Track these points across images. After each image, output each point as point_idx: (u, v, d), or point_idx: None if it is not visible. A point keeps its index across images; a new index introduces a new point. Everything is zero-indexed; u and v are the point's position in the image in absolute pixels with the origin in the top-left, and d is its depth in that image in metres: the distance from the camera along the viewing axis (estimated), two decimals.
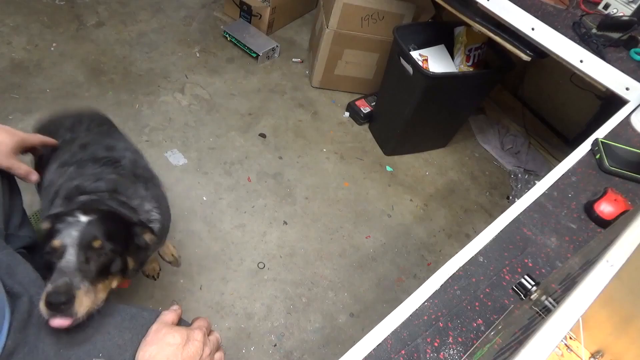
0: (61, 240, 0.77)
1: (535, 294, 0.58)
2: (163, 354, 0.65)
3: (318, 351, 1.44)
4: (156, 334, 0.68)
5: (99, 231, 0.80)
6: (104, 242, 0.80)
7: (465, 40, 1.86)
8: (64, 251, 0.76)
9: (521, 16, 1.32)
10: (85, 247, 0.78)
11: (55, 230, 0.79)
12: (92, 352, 0.67)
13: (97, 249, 0.79)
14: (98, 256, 0.79)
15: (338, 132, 2.15)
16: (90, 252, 0.78)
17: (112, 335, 0.69)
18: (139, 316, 0.73)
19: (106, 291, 0.80)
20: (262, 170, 1.89)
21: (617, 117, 1.14)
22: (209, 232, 1.64)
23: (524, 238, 0.83)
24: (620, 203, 0.86)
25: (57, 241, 0.77)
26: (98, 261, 0.79)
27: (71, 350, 0.66)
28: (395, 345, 0.65)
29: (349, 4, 1.99)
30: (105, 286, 0.80)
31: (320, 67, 2.23)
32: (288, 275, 1.60)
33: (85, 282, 0.75)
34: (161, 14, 2.44)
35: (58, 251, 0.76)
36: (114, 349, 0.68)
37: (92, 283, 0.76)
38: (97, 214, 0.83)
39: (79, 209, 0.83)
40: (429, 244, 1.83)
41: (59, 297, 0.69)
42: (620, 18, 1.30)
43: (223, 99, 2.13)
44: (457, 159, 2.21)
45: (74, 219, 0.80)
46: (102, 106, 1.92)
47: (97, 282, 0.77)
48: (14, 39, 2.07)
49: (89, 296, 0.74)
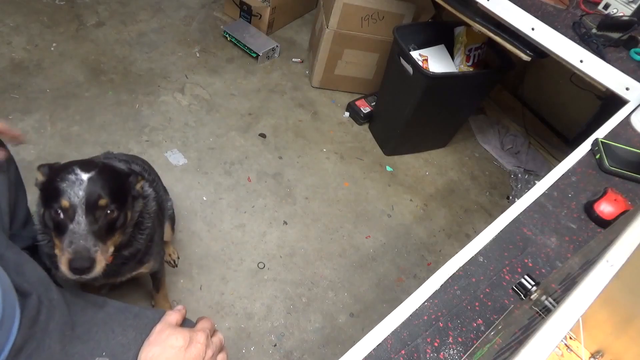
0: (69, 200, 0.80)
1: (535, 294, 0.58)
2: (165, 356, 0.65)
3: (318, 351, 1.44)
4: (159, 335, 0.68)
5: (102, 189, 0.83)
6: (109, 200, 0.83)
7: (465, 40, 1.86)
8: (74, 212, 0.80)
9: (521, 16, 1.32)
10: (93, 207, 0.81)
11: (61, 189, 0.81)
12: (96, 351, 0.67)
13: (103, 208, 0.83)
14: (105, 215, 0.83)
15: (338, 132, 2.15)
16: (98, 211, 0.82)
17: (116, 334, 0.70)
18: (143, 315, 0.73)
19: (114, 246, 0.86)
20: (262, 170, 1.89)
21: (617, 117, 1.14)
22: (209, 232, 1.64)
23: (524, 238, 0.83)
24: (620, 203, 0.86)
25: (66, 202, 0.80)
26: (105, 220, 0.83)
27: (76, 347, 0.66)
28: (395, 345, 0.65)
29: (349, 4, 1.99)
30: (113, 242, 0.86)
31: (320, 67, 2.23)
32: (288, 275, 1.60)
33: (99, 243, 0.81)
34: (161, 14, 2.45)
35: (68, 212, 0.80)
36: (117, 348, 0.68)
37: (103, 242, 0.82)
38: (95, 170, 0.85)
39: (76, 165, 0.85)
40: (429, 244, 1.83)
41: (83, 263, 0.77)
42: (620, 18, 1.30)
43: (223, 99, 2.13)
44: (457, 159, 2.21)
45: (75, 177, 0.82)
46: (102, 106, 1.92)
47: (106, 239, 0.83)
48: (14, 39, 2.07)
49: (104, 255, 0.81)
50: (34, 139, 1.73)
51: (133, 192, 0.95)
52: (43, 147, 1.71)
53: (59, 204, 0.80)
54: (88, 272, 0.78)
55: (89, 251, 0.78)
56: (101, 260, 0.80)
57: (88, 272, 0.78)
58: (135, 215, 0.97)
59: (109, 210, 0.84)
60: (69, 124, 1.81)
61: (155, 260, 1.14)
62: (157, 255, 1.15)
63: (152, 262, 1.12)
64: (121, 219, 0.88)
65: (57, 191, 0.81)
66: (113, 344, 0.68)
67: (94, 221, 0.81)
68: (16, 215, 1.01)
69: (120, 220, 0.88)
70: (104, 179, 0.85)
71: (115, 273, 1.03)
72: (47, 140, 1.73)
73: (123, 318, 0.72)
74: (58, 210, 0.81)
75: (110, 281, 1.06)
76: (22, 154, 1.67)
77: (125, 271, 1.05)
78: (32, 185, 1.58)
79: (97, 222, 0.82)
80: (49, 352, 0.63)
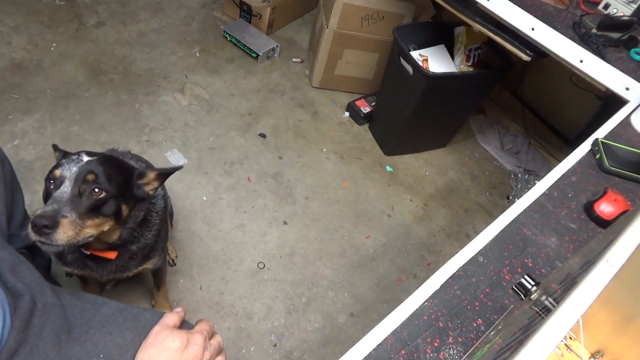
0: (61, 172, 0.83)
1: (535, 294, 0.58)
2: (161, 358, 0.65)
3: (318, 351, 1.44)
4: (156, 337, 0.68)
5: (96, 169, 0.85)
6: (98, 178, 0.84)
7: (465, 40, 1.86)
8: (62, 182, 0.82)
9: (521, 16, 1.32)
10: (80, 181, 0.83)
11: (60, 163, 0.86)
12: (93, 353, 0.67)
13: (90, 183, 0.83)
14: (91, 191, 0.83)
15: (338, 132, 2.15)
16: (84, 185, 0.83)
17: (114, 336, 0.69)
18: (141, 317, 0.73)
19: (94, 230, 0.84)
20: (262, 170, 1.89)
21: (617, 117, 1.14)
22: (209, 232, 1.64)
23: (524, 238, 0.83)
24: (620, 203, 0.86)
25: (58, 171, 0.84)
26: (90, 197, 0.83)
27: (72, 349, 0.66)
28: (395, 345, 0.65)
29: (349, 4, 1.99)
30: (94, 224, 0.84)
31: (320, 67, 2.23)
32: (288, 275, 1.60)
33: (74, 213, 0.80)
34: (161, 14, 2.44)
35: (57, 181, 0.83)
36: (115, 350, 0.68)
37: (81, 217, 0.81)
38: (99, 156, 0.89)
39: (85, 152, 0.89)
40: (429, 244, 1.83)
41: (42, 221, 0.75)
42: (620, 18, 1.30)
43: (223, 99, 2.13)
44: (457, 159, 2.21)
45: (77, 157, 0.87)
46: (102, 106, 1.92)
47: (85, 217, 0.82)
48: (14, 39, 2.07)
49: (73, 227, 0.79)
50: (34, 139, 1.73)
51: (138, 191, 0.94)
52: (43, 147, 1.71)
53: (52, 174, 0.84)
54: (48, 235, 0.76)
55: (56, 214, 0.77)
56: (67, 230, 0.78)
57: (48, 235, 0.76)
58: (140, 214, 0.97)
59: (96, 188, 0.83)
60: (69, 124, 1.81)
61: (159, 257, 1.15)
62: (161, 252, 1.16)
63: (157, 257, 1.13)
64: (110, 206, 0.86)
65: (55, 166, 0.86)
66: (110, 346, 0.68)
67: (77, 194, 0.82)
68: (13, 215, 1.01)
69: (110, 208, 0.86)
70: (104, 164, 0.87)
71: (122, 268, 1.04)
72: (47, 140, 1.73)
73: (121, 320, 0.72)
74: (50, 180, 0.84)
75: (117, 276, 1.07)
76: (22, 154, 1.67)
77: (132, 266, 1.06)
78: (31, 186, 1.58)
79: (80, 196, 0.82)
80: (43, 356, 0.63)
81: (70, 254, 0.99)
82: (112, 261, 1.01)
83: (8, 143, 1.69)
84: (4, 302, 0.63)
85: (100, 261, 1.00)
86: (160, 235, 1.10)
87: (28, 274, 0.72)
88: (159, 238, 1.10)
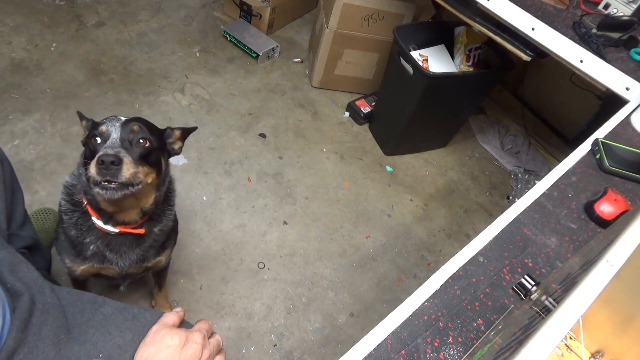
0: (106, 127, 0.88)
1: (535, 294, 0.58)
2: (160, 355, 0.65)
3: (318, 351, 1.44)
4: (155, 335, 0.68)
5: (140, 121, 0.92)
6: (142, 129, 0.90)
7: (465, 40, 1.86)
8: (109, 135, 0.87)
9: (521, 16, 1.32)
10: (127, 131, 0.88)
11: (102, 122, 0.91)
12: (93, 352, 0.66)
13: (136, 133, 0.89)
14: (138, 140, 0.89)
15: (338, 132, 2.15)
16: (132, 134, 0.88)
17: (113, 336, 0.69)
18: (140, 317, 0.73)
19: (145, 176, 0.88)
20: (262, 170, 1.89)
21: (617, 117, 1.14)
22: (209, 232, 1.64)
23: (524, 238, 0.83)
24: (620, 203, 0.86)
25: (103, 127, 0.89)
26: (138, 145, 0.89)
27: (72, 349, 0.66)
28: (395, 345, 0.65)
29: (349, 4, 1.99)
30: (145, 172, 0.88)
31: (320, 67, 2.23)
32: (288, 275, 1.60)
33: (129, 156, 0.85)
34: (161, 14, 2.45)
35: (104, 135, 0.88)
36: (114, 349, 0.68)
37: (135, 161, 0.86)
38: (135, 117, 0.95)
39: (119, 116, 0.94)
40: (429, 244, 1.83)
41: (109, 157, 0.80)
42: (620, 18, 1.30)
43: (223, 99, 2.13)
44: (457, 159, 2.21)
45: (115, 118, 0.92)
46: (102, 106, 1.92)
47: (139, 162, 0.86)
48: (14, 39, 2.07)
49: (133, 167, 0.84)
50: (34, 139, 1.73)
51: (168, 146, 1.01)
52: (43, 147, 1.71)
53: (97, 130, 0.88)
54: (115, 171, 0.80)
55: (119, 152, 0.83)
56: (130, 167, 0.82)
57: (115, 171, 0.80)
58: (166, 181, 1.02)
59: (141, 138, 0.89)
60: (69, 124, 1.81)
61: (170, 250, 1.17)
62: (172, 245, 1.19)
63: (169, 249, 1.16)
64: (154, 156, 0.92)
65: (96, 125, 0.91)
66: (110, 346, 0.68)
67: (128, 142, 0.87)
68: (13, 215, 1.01)
69: (153, 157, 0.91)
70: (141, 120, 0.93)
71: (142, 258, 1.06)
72: (47, 140, 1.73)
73: (121, 319, 0.72)
74: (96, 137, 0.88)
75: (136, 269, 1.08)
76: (22, 154, 1.67)
77: (151, 256, 1.08)
78: (31, 186, 1.58)
79: (131, 144, 0.88)
80: (42, 356, 0.63)
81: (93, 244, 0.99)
82: (134, 250, 1.02)
83: (8, 143, 1.69)
84: (4, 302, 0.63)
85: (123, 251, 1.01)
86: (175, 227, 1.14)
87: (27, 274, 0.72)
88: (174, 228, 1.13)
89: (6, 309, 0.63)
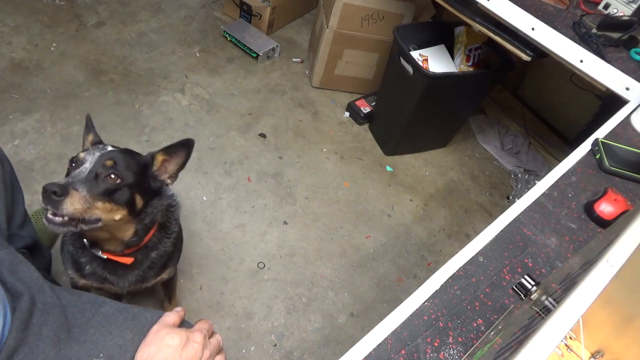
0: (85, 155, 0.88)
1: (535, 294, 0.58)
2: (161, 355, 0.65)
3: (318, 351, 1.44)
4: (156, 335, 0.68)
5: (116, 157, 0.88)
6: (117, 165, 0.87)
7: (465, 40, 1.86)
8: (83, 164, 0.86)
9: (521, 16, 1.32)
10: (98, 164, 0.86)
11: (86, 148, 0.91)
12: (93, 352, 0.66)
13: (107, 168, 0.86)
14: (107, 175, 0.85)
15: (338, 132, 2.15)
16: (102, 169, 0.85)
17: (114, 336, 0.69)
18: (141, 316, 0.73)
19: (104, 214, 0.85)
20: (262, 170, 1.89)
21: (617, 117, 1.14)
22: (209, 232, 1.64)
23: (524, 238, 0.83)
24: (620, 203, 0.86)
25: (82, 154, 0.88)
26: (105, 181, 0.85)
27: (72, 349, 0.66)
28: (395, 345, 0.65)
29: (349, 4, 1.99)
30: (105, 208, 0.84)
31: (320, 67, 2.23)
32: (288, 275, 1.60)
33: (84, 190, 0.81)
34: (161, 14, 2.45)
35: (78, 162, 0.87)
36: (114, 349, 0.68)
37: (92, 196, 0.82)
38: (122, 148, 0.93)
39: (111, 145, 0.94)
40: (429, 244, 1.83)
41: (52, 187, 0.76)
42: (620, 18, 1.30)
43: (223, 99, 2.13)
44: (457, 159, 2.21)
45: (102, 147, 0.92)
46: (102, 106, 1.92)
47: (97, 198, 0.83)
48: (14, 39, 2.07)
49: (82, 202, 0.80)
50: (34, 139, 1.73)
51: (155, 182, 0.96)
52: (43, 147, 1.71)
53: (76, 156, 0.88)
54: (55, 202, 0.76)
55: (68, 184, 0.79)
56: (75, 202, 0.78)
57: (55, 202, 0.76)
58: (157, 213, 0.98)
59: (113, 173, 0.85)
60: (69, 124, 1.81)
61: (174, 266, 1.17)
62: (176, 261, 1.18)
63: (172, 267, 1.14)
64: (124, 194, 0.87)
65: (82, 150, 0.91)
66: (110, 345, 0.68)
67: (94, 176, 0.84)
68: (13, 215, 1.01)
69: (123, 195, 0.87)
70: (124, 153, 0.91)
71: (142, 279, 1.04)
72: (47, 140, 1.73)
73: (121, 319, 0.72)
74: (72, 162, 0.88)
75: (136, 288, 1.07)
76: (22, 154, 1.67)
77: (151, 276, 1.06)
78: (31, 186, 1.58)
79: (97, 178, 0.84)
80: (43, 355, 0.63)
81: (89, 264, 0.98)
82: (132, 272, 1.01)
83: (8, 143, 1.69)
84: (4, 302, 0.63)
85: (120, 273, 1.00)
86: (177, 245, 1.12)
87: (27, 274, 0.72)
88: (176, 247, 1.11)
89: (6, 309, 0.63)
